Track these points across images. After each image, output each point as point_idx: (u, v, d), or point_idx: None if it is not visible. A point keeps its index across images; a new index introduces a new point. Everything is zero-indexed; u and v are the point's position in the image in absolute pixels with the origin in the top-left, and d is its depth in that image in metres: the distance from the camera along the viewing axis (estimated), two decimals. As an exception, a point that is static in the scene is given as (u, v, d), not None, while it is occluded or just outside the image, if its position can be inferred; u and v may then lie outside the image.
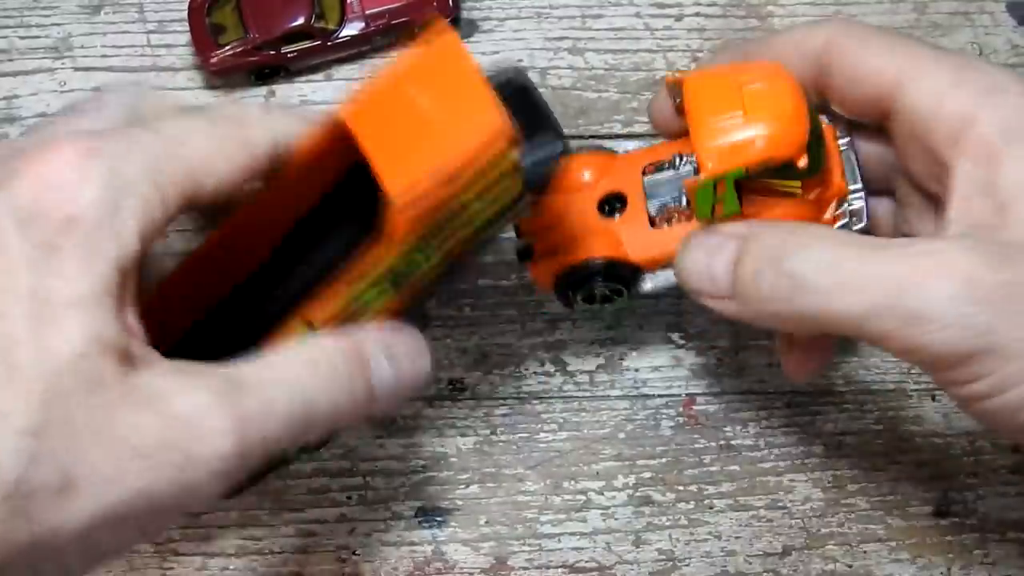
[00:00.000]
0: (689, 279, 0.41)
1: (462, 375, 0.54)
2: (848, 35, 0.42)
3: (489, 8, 0.57)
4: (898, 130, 0.41)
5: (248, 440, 0.33)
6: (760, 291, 0.38)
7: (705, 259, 0.40)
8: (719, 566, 0.53)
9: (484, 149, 0.38)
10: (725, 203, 0.42)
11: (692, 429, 0.54)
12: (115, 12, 0.57)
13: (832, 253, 0.37)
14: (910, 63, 0.40)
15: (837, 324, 0.37)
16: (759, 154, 0.40)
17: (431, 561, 0.53)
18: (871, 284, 0.35)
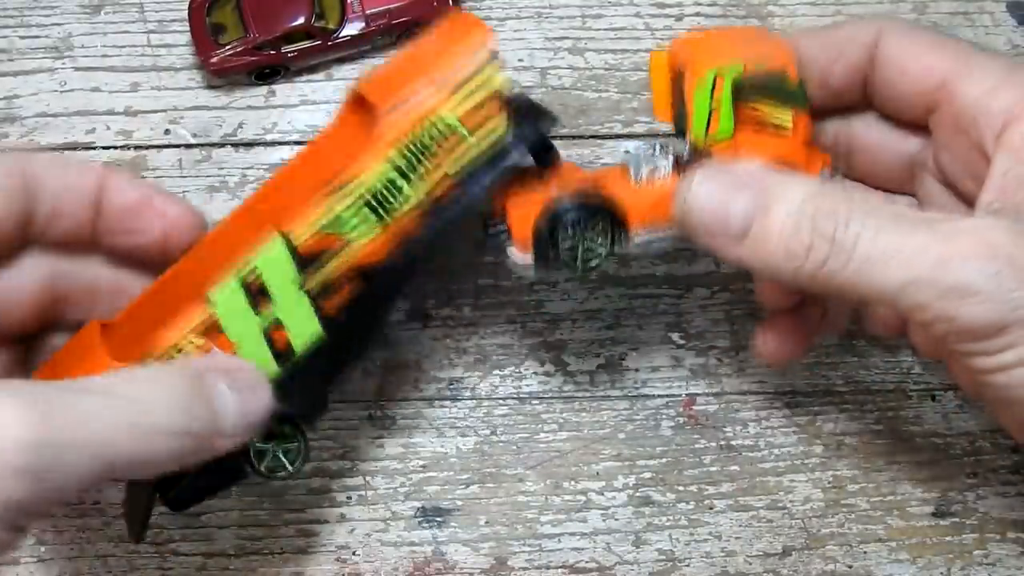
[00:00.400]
0: (700, 214, 0.39)
1: (462, 375, 0.54)
2: (899, 31, 0.43)
3: (489, 8, 0.57)
4: (941, 124, 0.42)
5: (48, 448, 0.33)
6: (789, 247, 0.38)
7: (721, 196, 0.39)
8: (719, 566, 0.53)
9: (466, 57, 0.41)
10: (721, 117, 0.42)
11: (692, 429, 0.54)
12: (115, 12, 0.57)
13: (875, 222, 0.37)
14: (960, 61, 0.42)
15: (869, 293, 0.37)
16: (754, 55, 0.41)
17: (431, 561, 0.53)
18: (913, 257, 0.36)
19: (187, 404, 0.37)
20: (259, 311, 0.41)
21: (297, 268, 0.42)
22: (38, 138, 0.55)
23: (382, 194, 0.41)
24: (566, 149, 0.56)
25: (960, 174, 0.43)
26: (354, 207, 0.41)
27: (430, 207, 0.42)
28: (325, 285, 0.42)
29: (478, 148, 0.42)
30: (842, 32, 0.45)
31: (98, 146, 0.56)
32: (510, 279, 0.55)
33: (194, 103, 0.56)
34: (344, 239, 0.41)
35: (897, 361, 0.55)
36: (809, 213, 0.37)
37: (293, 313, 0.42)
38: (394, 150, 0.41)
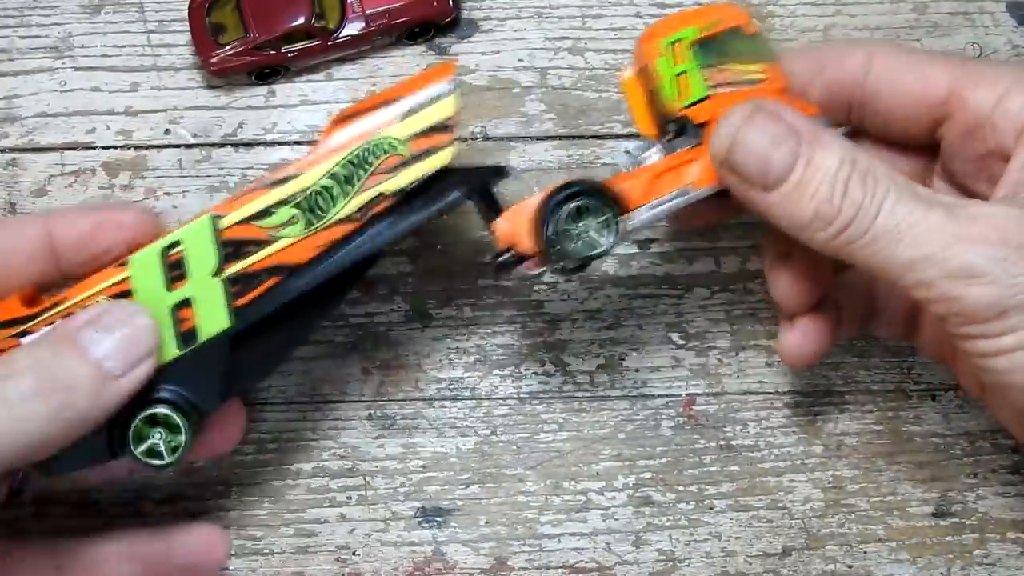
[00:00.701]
0: (743, 156, 0.39)
1: (462, 375, 0.54)
2: (891, 52, 0.44)
3: (489, 8, 0.57)
4: (951, 134, 0.43)
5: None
6: (820, 210, 0.38)
7: (766, 142, 0.39)
8: (719, 566, 0.53)
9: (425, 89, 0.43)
10: (691, 81, 0.42)
11: (692, 429, 0.54)
12: (115, 12, 0.57)
13: (898, 196, 0.38)
14: (963, 69, 0.42)
15: (880, 265, 0.38)
16: (705, 15, 0.42)
17: (431, 561, 0.53)
18: (927, 234, 0.37)
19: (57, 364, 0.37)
20: (171, 287, 0.42)
21: (218, 251, 0.42)
22: (38, 138, 0.55)
23: (316, 199, 0.42)
24: (566, 149, 0.56)
25: (973, 179, 0.43)
26: (286, 205, 0.42)
27: (362, 223, 0.43)
28: (242, 276, 0.42)
29: (419, 173, 0.43)
30: (828, 50, 0.45)
31: (98, 146, 0.56)
32: (510, 279, 0.55)
33: (194, 103, 0.56)
34: (269, 234, 0.42)
35: (897, 361, 0.55)
36: (843, 178, 0.38)
37: (205, 298, 0.42)
38: (336, 160, 0.42)
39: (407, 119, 0.42)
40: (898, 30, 0.57)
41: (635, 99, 0.45)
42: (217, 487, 0.53)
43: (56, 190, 0.55)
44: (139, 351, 0.40)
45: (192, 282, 0.42)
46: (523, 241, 0.42)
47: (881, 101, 0.44)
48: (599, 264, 0.55)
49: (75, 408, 0.38)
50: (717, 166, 0.41)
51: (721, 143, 0.40)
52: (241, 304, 0.42)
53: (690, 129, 0.43)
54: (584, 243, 0.42)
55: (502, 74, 0.57)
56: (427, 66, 0.57)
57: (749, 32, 0.43)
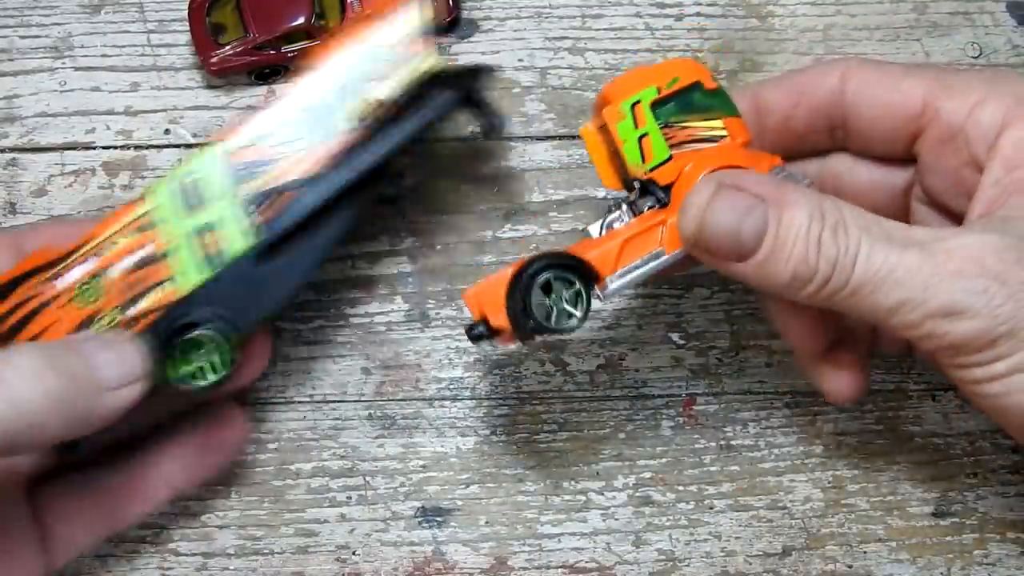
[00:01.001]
0: (712, 238, 0.39)
1: (462, 375, 0.54)
2: (865, 68, 0.44)
3: (489, 8, 0.57)
4: (926, 147, 0.43)
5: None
6: (797, 271, 0.38)
7: (733, 217, 0.39)
8: (719, 566, 0.53)
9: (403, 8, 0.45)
10: (653, 142, 0.43)
11: (692, 429, 0.54)
12: (115, 11, 0.57)
13: (871, 243, 0.37)
14: (937, 81, 0.42)
15: (865, 313, 0.38)
16: (664, 72, 0.43)
17: (431, 561, 0.53)
18: (905, 278, 0.37)
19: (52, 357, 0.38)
20: (193, 213, 0.44)
21: (231, 174, 0.44)
22: (38, 138, 0.55)
23: (317, 111, 0.44)
24: (566, 149, 0.56)
25: (950, 194, 0.43)
26: (289, 121, 0.44)
27: (363, 134, 0.45)
28: (258, 195, 0.44)
29: (409, 75, 0.45)
30: (803, 76, 0.45)
31: (98, 146, 0.56)
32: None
33: (194, 103, 0.56)
34: (277, 150, 0.44)
35: (897, 361, 0.55)
36: (815, 236, 0.38)
37: (226, 219, 0.44)
38: (331, 74, 0.45)
39: (388, 29, 0.45)
40: (898, 30, 0.57)
41: (596, 151, 0.45)
42: (217, 487, 0.53)
43: (56, 190, 0.55)
44: (132, 369, 0.41)
45: (211, 206, 0.44)
46: (494, 317, 0.42)
47: (860, 118, 0.44)
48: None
49: (71, 399, 0.38)
50: (688, 247, 0.41)
51: (689, 226, 0.40)
52: (260, 221, 0.44)
53: (656, 190, 0.43)
54: (557, 317, 0.41)
55: (502, 74, 0.57)
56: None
57: (709, 87, 0.43)
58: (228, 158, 0.44)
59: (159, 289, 0.43)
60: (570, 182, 0.56)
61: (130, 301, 0.43)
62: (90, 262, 0.43)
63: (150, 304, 0.43)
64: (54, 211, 0.55)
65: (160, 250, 0.43)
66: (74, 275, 0.43)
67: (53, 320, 0.43)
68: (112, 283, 0.43)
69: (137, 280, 0.43)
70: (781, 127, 0.46)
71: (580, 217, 0.55)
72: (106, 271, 0.43)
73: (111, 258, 0.43)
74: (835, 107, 0.44)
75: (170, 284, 0.43)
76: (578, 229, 0.55)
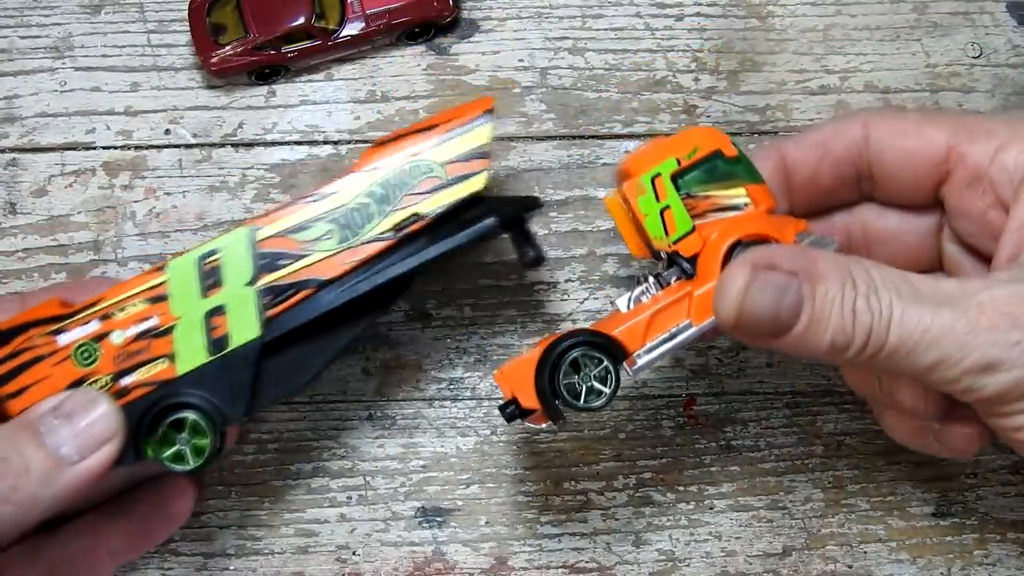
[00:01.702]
0: (755, 322, 0.39)
1: (462, 375, 0.54)
2: (885, 117, 0.44)
3: (489, 8, 0.57)
4: (953, 191, 0.43)
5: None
6: (835, 341, 0.39)
7: (773, 302, 0.39)
8: (719, 566, 0.53)
9: (463, 119, 0.44)
10: (675, 215, 0.42)
11: (692, 429, 0.54)
12: (115, 12, 0.57)
13: (903, 306, 0.38)
14: (959, 126, 0.43)
15: (904, 372, 0.39)
16: (683, 142, 0.42)
17: (431, 561, 0.53)
18: (939, 338, 0.37)
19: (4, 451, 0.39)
20: (206, 294, 0.43)
21: (253, 262, 0.43)
22: (38, 138, 0.55)
23: (352, 215, 0.43)
24: (566, 149, 0.56)
25: (979, 236, 0.44)
26: (322, 220, 0.43)
27: (396, 243, 0.43)
28: (275, 288, 0.43)
29: (454, 196, 0.44)
30: (825, 131, 0.45)
31: (98, 146, 0.56)
32: (510, 279, 0.55)
33: (194, 103, 0.56)
34: (304, 247, 0.43)
35: (897, 361, 0.55)
36: (849, 305, 0.38)
37: (238, 306, 0.43)
38: (374, 179, 0.43)
39: (444, 144, 0.44)
40: (898, 30, 0.57)
41: (621, 220, 0.45)
42: (217, 487, 0.53)
43: (56, 190, 0.55)
44: (97, 437, 0.41)
45: (226, 290, 0.43)
46: (524, 398, 0.42)
47: (885, 166, 0.44)
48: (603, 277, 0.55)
49: (24, 491, 0.39)
50: (727, 330, 0.41)
51: (728, 313, 0.40)
52: (272, 315, 0.43)
53: (681, 261, 0.43)
54: (586, 395, 0.42)
55: (502, 74, 0.57)
56: (427, 66, 0.57)
57: (730, 155, 0.43)
58: (255, 245, 0.43)
59: (156, 364, 0.42)
60: (570, 182, 0.56)
61: (125, 371, 0.42)
62: (94, 324, 0.42)
63: (144, 377, 0.42)
64: (54, 211, 0.55)
65: (165, 324, 0.42)
66: (76, 334, 0.42)
67: (46, 375, 0.42)
68: (111, 348, 0.42)
69: (137, 350, 0.42)
70: (808, 184, 0.46)
71: (580, 217, 0.55)
72: (108, 335, 0.42)
73: (116, 324, 0.42)
74: (860, 158, 0.45)
75: (168, 361, 0.42)
76: (578, 230, 0.55)
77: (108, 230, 0.55)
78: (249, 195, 0.55)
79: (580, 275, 0.55)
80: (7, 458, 0.39)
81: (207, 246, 0.43)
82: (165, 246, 0.55)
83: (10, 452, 0.39)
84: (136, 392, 0.42)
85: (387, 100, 0.56)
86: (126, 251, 0.55)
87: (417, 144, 0.44)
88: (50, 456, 0.40)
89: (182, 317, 0.42)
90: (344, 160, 0.56)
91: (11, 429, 0.40)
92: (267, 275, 0.43)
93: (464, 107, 0.45)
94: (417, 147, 0.44)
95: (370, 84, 0.57)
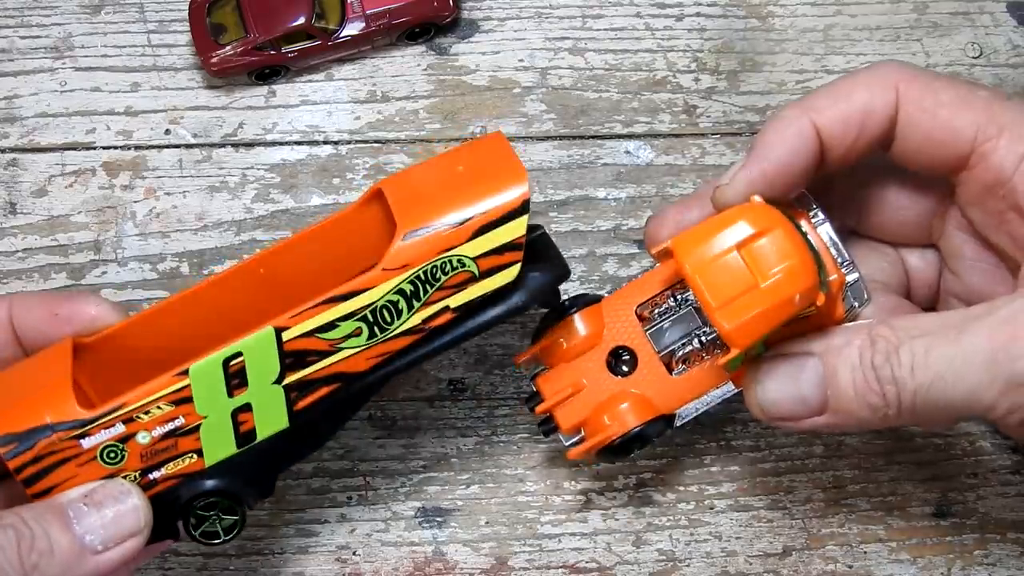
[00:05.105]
0: (778, 409, 0.40)
1: (462, 375, 0.54)
2: (919, 87, 0.42)
3: (489, 8, 0.57)
4: (971, 183, 0.42)
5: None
6: (870, 402, 0.39)
7: (791, 385, 0.40)
8: (719, 566, 0.53)
9: (498, 201, 0.41)
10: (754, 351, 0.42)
11: (692, 429, 0.54)
12: (116, 12, 0.57)
13: (923, 342, 0.38)
14: (987, 119, 0.41)
15: (946, 408, 0.38)
16: (783, 316, 0.39)
17: (431, 561, 0.53)
18: (966, 365, 0.37)
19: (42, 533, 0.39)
20: (232, 394, 0.42)
21: (280, 361, 0.42)
22: (38, 138, 0.55)
23: (382, 313, 0.42)
24: (566, 149, 0.56)
25: (993, 230, 0.43)
26: (351, 318, 0.42)
27: (426, 334, 0.42)
28: (302, 383, 0.42)
29: (485, 289, 0.42)
30: (858, 99, 0.42)
31: (98, 146, 0.56)
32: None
33: (194, 103, 0.56)
34: (332, 345, 0.42)
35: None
36: (868, 365, 0.38)
37: (265, 403, 0.42)
38: (404, 276, 0.41)
39: (478, 237, 0.41)
40: (898, 30, 0.57)
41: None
42: (217, 487, 0.53)
43: (56, 190, 0.55)
44: (124, 530, 0.41)
45: (253, 389, 0.42)
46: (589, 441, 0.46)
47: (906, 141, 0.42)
48: (600, 263, 0.55)
49: (44, 572, 0.39)
50: (767, 422, 0.42)
51: (755, 411, 0.41)
52: (299, 408, 0.42)
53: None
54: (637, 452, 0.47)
55: (502, 74, 0.57)
56: (427, 66, 0.56)
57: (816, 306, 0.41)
58: (282, 346, 0.42)
59: (184, 459, 0.42)
60: (570, 182, 0.56)
61: (152, 467, 0.42)
62: (118, 427, 0.41)
63: (171, 471, 0.42)
64: (54, 211, 0.55)
65: (192, 423, 0.42)
66: (101, 437, 0.41)
67: (73, 475, 0.41)
68: (137, 447, 0.42)
69: (164, 448, 0.42)
70: (838, 162, 0.43)
71: (580, 217, 0.55)
72: (134, 436, 0.42)
73: (140, 426, 0.41)
74: (889, 130, 0.43)
75: (196, 456, 0.42)
76: (578, 230, 0.55)
77: (108, 230, 0.55)
78: (249, 195, 0.55)
79: (580, 275, 0.55)
80: (34, 536, 0.39)
81: (231, 348, 0.41)
82: (165, 246, 0.55)
83: (38, 531, 0.39)
84: (165, 484, 0.42)
85: (387, 100, 0.56)
86: (126, 251, 0.55)
87: (446, 230, 0.41)
88: (75, 542, 0.40)
89: (208, 416, 0.42)
90: (344, 160, 0.56)
91: (41, 509, 0.40)
92: (294, 373, 0.42)
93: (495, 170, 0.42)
94: (449, 240, 0.41)
95: (370, 84, 0.57)
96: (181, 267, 0.55)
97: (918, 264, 0.47)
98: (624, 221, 0.55)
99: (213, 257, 0.55)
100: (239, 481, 0.43)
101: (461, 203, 0.41)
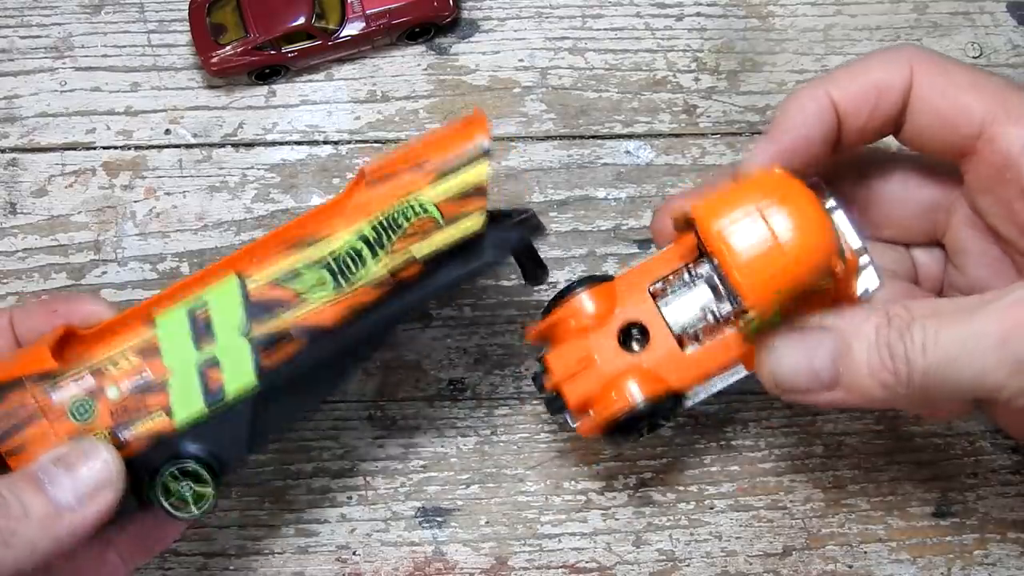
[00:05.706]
0: (791, 380, 0.40)
1: (462, 375, 0.54)
2: (933, 69, 0.42)
3: (489, 8, 0.57)
4: (980, 169, 0.42)
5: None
6: (882, 380, 0.39)
7: (805, 358, 0.40)
8: (719, 566, 0.53)
9: (458, 148, 0.41)
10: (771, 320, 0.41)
11: (692, 429, 0.54)
12: (116, 12, 0.57)
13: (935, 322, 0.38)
14: (998, 104, 0.41)
15: (953, 389, 0.38)
16: (802, 277, 0.39)
17: (431, 561, 0.53)
18: (975, 345, 0.37)
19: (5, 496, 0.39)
20: (200, 346, 0.42)
21: (246, 312, 0.42)
22: (38, 138, 0.56)
23: (345, 261, 0.41)
24: (566, 149, 0.56)
25: (1001, 218, 0.42)
26: (315, 267, 0.41)
27: (392, 286, 0.42)
28: (270, 337, 0.42)
29: (450, 238, 0.42)
30: (873, 76, 0.43)
31: (98, 146, 0.56)
32: (510, 279, 0.55)
33: (194, 103, 0.56)
34: (298, 295, 0.41)
35: (897, 361, 0.55)
36: (883, 343, 0.38)
37: (232, 356, 0.42)
38: (366, 221, 0.41)
39: (439, 182, 0.41)
40: (898, 30, 0.57)
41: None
42: (217, 487, 0.53)
43: (56, 190, 0.55)
44: (96, 483, 0.41)
45: (220, 342, 0.42)
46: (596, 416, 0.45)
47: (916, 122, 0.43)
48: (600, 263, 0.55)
49: (23, 537, 0.39)
50: (779, 395, 0.41)
51: (768, 383, 0.41)
52: (268, 365, 0.42)
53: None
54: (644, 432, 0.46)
55: (502, 74, 0.57)
56: (427, 66, 0.56)
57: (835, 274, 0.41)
58: (247, 295, 0.42)
59: (153, 418, 0.42)
60: (570, 182, 0.56)
61: (123, 425, 0.42)
62: (88, 380, 0.41)
63: (142, 431, 0.42)
64: (54, 211, 0.55)
65: (160, 378, 0.42)
66: (71, 391, 0.41)
67: (44, 431, 0.41)
68: (107, 403, 0.42)
69: (133, 405, 0.42)
70: (853, 139, 0.44)
71: (580, 217, 0.55)
72: (103, 390, 0.42)
73: (110, 378, 0.41)
74: (904, 109, 0.43)
75: (165, 414, 0.42)
76: (578, 230, 0.55)
77: (108, 230, 0.55)
78: (249, 195, 0.55)
79: (580, 275, 0.55)
80: (8, 503, 0.39)
81: (195, 298, 0.42)
82: (165, 246, 0.55)
83: (11, 498, 0.40)
84: (135, 445, 0.42)
85: (387, 100, 0.56)
86: (126, 251, 0.55)
87: (410, 178, 0.41)
88: (49, 504, 0.40)
89: (176, 370, 0.42)
90: (344, 160, 0.56)
91: (14, 477, 0.41)
92: (261, 325, 0.42)
93: (458, 129, 0.42)
94: (409, 185, 0.41)
95: (370, 84, 0.57)
96: (181, 267, 0.55)
97: (925, 261, 0.48)
98: (624, 221, 0.55)
99: (213, 257, 0.55)
100: (211, 446, 0.42)
101: (423, 153, 0.42)
